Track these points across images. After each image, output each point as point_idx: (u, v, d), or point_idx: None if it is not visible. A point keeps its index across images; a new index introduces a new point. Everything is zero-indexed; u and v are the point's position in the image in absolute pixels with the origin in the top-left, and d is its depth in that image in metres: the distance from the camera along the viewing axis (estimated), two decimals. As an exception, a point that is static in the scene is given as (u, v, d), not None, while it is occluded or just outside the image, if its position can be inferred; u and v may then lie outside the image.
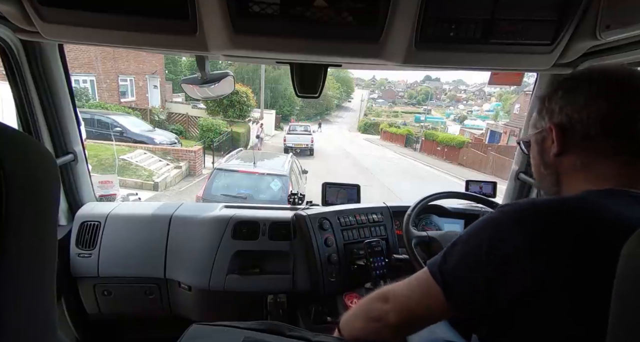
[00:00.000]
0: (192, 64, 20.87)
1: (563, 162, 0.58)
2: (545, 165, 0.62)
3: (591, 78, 0.55)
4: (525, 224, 0.48)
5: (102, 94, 12.72)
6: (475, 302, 0.51)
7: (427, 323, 0.62)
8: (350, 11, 0.76)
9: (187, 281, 1.36)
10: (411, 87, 77.90)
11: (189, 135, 12.88)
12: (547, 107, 0.59)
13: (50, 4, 0.75)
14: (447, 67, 0.92)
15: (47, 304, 0.39)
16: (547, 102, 0.59)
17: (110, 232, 1.37)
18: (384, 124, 33.00)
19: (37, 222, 0.36)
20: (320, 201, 1.57)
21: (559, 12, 0.77)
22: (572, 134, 0.55)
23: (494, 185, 1.59)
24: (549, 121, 0.58)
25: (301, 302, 1.37)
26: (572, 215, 0.47)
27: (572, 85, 0.56)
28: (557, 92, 0.57)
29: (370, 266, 1.26)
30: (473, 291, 0.50)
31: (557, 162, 0.58)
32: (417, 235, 1.17)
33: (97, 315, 1.43)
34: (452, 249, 0.55)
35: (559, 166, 0.59)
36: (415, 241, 1.15)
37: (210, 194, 4.72)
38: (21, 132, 0.38)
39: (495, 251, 0.49)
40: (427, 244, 1.16)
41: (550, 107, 0.58)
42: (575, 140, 0.55)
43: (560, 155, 0.57)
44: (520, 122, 5.24)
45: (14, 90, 1.14)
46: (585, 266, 0.44)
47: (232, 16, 0.75)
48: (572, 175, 0.57)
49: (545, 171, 0.62)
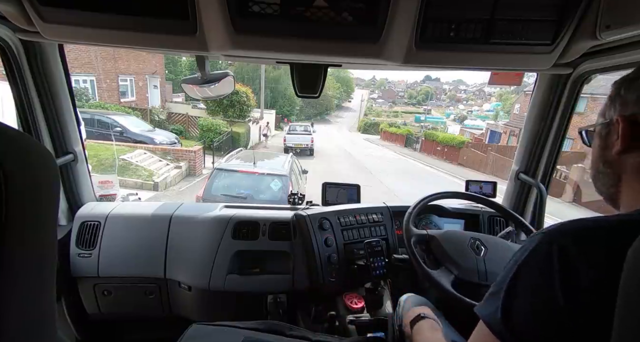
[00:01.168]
0: (192, 64, 20.87)
1: (628, 161, 0.49)
2: (605, 162, 0.53)
3: None
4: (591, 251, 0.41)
5: (102, 94, 12.72)
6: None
7: None
8: (350, 11, 0.76)
9: (187, 280, 1.36)
10: (411, 87, 77.90)
11: (189, 135, 12.89)
12: (622, 95, 0.49)
13: (50, 4, 0.75)
14: (447, 67, 0.92)
15: (47, 304, 0.39)
16: (623, 89, 0.49)
17: (110, 232, 1.37)
18: (384, 124, 32.97)
19: (37, 222, 0.36)
20: (320, 201, 1.57)
21: (559, 12, 0.77)
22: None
23: (494, 185, 1.59)
24: (619, 113, 0.49)
25: (301, 302, 1.37)
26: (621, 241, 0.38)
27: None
28: (633, 83, 0.48)
29: (370, 266, 1.26)
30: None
31: (620, 160, 0.50)
32: (417, 233, 1.16)
33: (97, 315, 1.43)
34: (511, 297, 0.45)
35: (622, 165, 0.50)
36: (414, 239, 1.15)
37: (210, 194, 4.72)
38: (21, 132, 0.38)
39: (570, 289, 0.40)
40: (426, 242, 1.16)
41: (625, 96, 0.49)
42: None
43: (625, 154, 0.49)
44: (520, 122, 5.25)
45: (14, 90, 1.14)
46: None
47: (232, 16, 0.75)
48: (636, 179, 0.48)
49: (604, 168, 0.53)
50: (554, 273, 0.41)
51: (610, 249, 0.40)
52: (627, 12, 0.70)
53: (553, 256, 0.42)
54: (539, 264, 0.43)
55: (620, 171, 0.50)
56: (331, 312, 1.20)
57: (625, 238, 0.38)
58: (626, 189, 0.50)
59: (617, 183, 0.51)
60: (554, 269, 0.41)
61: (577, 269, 0.40)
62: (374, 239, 1.31)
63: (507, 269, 0.47)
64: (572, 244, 0.41)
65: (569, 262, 0.41)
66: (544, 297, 0.42)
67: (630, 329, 0.34)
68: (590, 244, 0.41)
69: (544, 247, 0.43)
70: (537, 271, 0.43)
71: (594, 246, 0.41)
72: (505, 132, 22.32)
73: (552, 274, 0.41)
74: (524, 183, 1.47)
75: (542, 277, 0.42)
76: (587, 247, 0.41)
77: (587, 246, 0.41)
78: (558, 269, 0.41)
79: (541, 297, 0.42)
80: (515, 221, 1.28)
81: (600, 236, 0.41)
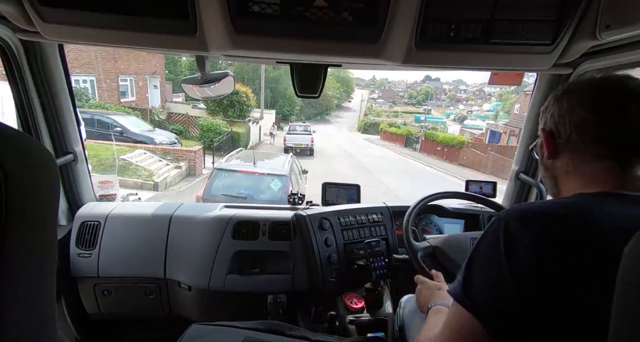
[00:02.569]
0: (192, 64, 20.86)
1: (557, 165, 0.61)
2: (545, 168, 0.66)
3: (581, 88, 0.58)
4: (530, 225, 0.48)
5: (102, 94, 12.72)
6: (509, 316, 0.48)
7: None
8: (350, 11, 0.76)
9: (187, 281, 1.36)
10: (411, 87, 77.88)
11: (189, 136, 12.89)
12: (543, 114, 0.64)
13: (50, 4, 0.75)
14: (447, 67, 0.92)
15: (47, 304, 0.39)
16: (544, 110, 0.64)
17: (110, 232, 1.37)
18: (384, 124, 32.98)
19: (37, 222, 0.36)
20: (320, 201, 1.57)
21: (559, 12, 0.77)
22: (558, 139, 0.59)
23: (494, 185, 1.59)
24: (542, 125, 0.63)
25: (301, 302, 1.37)
26: (560, 220, 0.48)
27: (561, 94, 0.60)
28: (550, 101, 0.62)
29: (370, 266, 1.26)
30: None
31: (551, 165, 0.62)
32: (421, 247, 1.15)
33: (97, 315, 1.43)
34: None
35: (554, 169, 0.62)
36: (421, 253, 1.13)
37: (210, 194, 4.72)
38: (21, 132, 0.38)
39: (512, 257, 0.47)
40: (432, 254, 1.15)
41: (544, 115, 0.63)
42: (562, 144, 0.59)
43: (553, 159, 0.61)
44: (520, 122, 5.25)
45: (13, 90, 1.14)
46: (581, 272, 0.44)
47: (232, 16, 0.75)
48: (566, 178, 0.60)
49: (545, 173, 0.66)
50: (499, 247, 0.48)
51: (542, 225, 0.47)
52: (627, 12, 0.70)
53: (500, 232, 0.49)
54: (490, 238, 0.51)
55: (555, 174, 0.62)
56: (331, 312, 1.20)
57: (558, 214, 0.48)
58: (563, 188, 0.61)
59: (555, 184, 0.63)
60: (499, 243, 0.49)
61: (516, 244, 0.47)
62: (374, 239, 1.31)
63: (472, 248, 0.55)
64: (516, 221, 0.49)
65: (512, 238, 0.48)
66: (493, 270, 0.49)
67: (627, 328, 0.34)
68: (530, 222, 0.48)
69: (495, 223, 0.52)
70: (488, 245, 0.51)
71: (532, 223, 0.48)
72: (505, 132, 22.32)
73: (499, 248, 0.49)
74: (524, 183, 1.47)
75: (492, 250, 0.50)
76: (527, 225, 0.48)
77: (527, 224, 0.48)
78: (502, 243, 0.48)
79: (491, 269, 0.49)
80: None
81: (538, 213, 0.49)
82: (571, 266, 0.45)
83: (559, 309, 0.45)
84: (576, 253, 0.45)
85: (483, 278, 0.51)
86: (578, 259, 0.45)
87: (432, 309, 0.83)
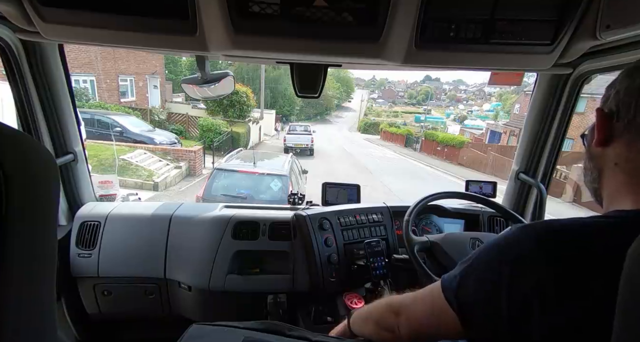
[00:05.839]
0: (192, 64, 20.85)
1: (607, 154, 0.49)
2: (589, 158, 0.54)
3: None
4: (548, 250, 0.43)
5: (102, 94, 12.72)
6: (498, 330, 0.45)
7: (439, 339, 0.58)
8: (350, 11, 0.76)
9: (187, 281, 1.36)
10: (411, 87, 77.91)
11: (189, 135, 12.88)
12: (607, 91, 0.50)
13: (50, 4, 0.75)
14: (447, 67, 0.92)
15: (47, 304, 0.39)
16: (609, 87, 0.50)
17: (110, 232, 1.37)
18: (384, 124, 32.99)
19: (37, 222, 0.36)
20: (320, 201, 1.57)
21: (559, 12, 0.77)
22: (616, 122, 0.47)
23: (494, 185, 1.59)
24: (600, 106, 0.50)
25: (301, 302, 1.37)
26: (588, 248, 0.41)
27: (634, 67, 0.47)
28: (620, 75, 0.49)
29: (370, 266, 1.26)
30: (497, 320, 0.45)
31: (600, 153, 0.50)
32: (419, 241, 1.15)
33: (97, 315, 1.43)
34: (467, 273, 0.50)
35: (602, 159, 0.50)
36: (417, 247, 1.13)
37: (210, 194, 4.72)
38: (21, 132, 0.38)
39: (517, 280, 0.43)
40: (429, 249, 1.16)
41: (608, 92, 0.50)
42: (619, 129, 0.46)
43: (604, 147, 0.49)
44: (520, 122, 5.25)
45: (14, 90, 1.14)
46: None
47: (232, 16, 0.75)
48: (613, 172, 0.49)
49: (589, 163, 0.54)
50: (508, 262, 0.45)
51: (570, 249, 0.42)
52: (627, 12, 0.70)
53: (513, 248, 0.46)
54: (502, 250, 0.47)
55: (601, 165, 0.51)
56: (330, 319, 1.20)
57: (588, 240, 0.41)
58: (606, 184, 0.51)
59: (598, 178, 0.52)
60: (509, 259, 0.45)
61: (527, 265, 0.43)
62: (374, 239, 1.31)
63: (481, 247, 0.51)
64: (534, 241, 0.44)
65: (523, 257, 0.44)
66: (492, 280, 0.46)
67: (629, 330, 0.34)
68: (551, 244, 0.43)
69: (512, 238, 0.47)
70: (498, 255, 0.47)
71: (554, 247, 0.43)
72: (505, 132, 22.31)
73: (507, 263, 0.45)
74: (524, 183, 1.47)
75: (499, 263, 0.46)
76: (547, 246, 0.43)
77: (547, 245, 0.43)
78: (512, 259, 0.45)
79: (490, 279, 0.46)
80: (515, 221, 1.28)
81: (564, 238, 0.43)
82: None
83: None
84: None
85: (478, 291, 0.48)
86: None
87: None
